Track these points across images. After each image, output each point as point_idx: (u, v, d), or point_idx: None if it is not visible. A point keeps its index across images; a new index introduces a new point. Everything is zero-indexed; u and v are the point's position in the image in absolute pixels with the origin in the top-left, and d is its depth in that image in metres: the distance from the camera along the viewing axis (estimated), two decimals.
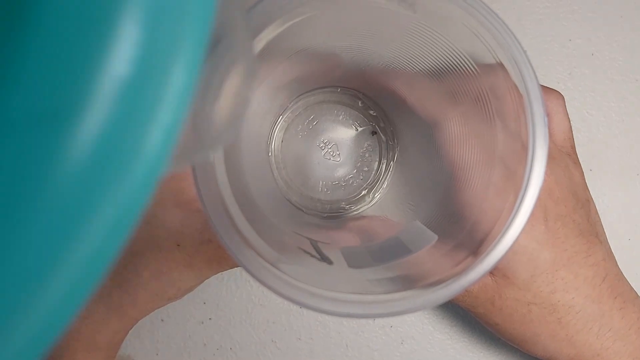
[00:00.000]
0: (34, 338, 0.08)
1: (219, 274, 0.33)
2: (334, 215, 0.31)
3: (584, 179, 0.28)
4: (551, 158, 0.27)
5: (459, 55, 0.22)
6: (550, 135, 0.28)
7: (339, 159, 0.31)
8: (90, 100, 0.07)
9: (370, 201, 0.31)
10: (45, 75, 0.07)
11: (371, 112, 0.31)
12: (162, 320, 0.34)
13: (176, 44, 0.08)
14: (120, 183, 0.08)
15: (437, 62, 0.23)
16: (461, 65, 0.22)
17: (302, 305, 0.18)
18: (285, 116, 0.31)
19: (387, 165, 0.31)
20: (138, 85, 0.08)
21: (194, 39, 0.08)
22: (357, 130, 0.31)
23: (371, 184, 0.31)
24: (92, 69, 0.07)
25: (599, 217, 0.29)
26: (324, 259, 0.21)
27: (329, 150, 0.30)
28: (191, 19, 0.08)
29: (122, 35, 0.07)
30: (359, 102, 0.31)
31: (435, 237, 0.21)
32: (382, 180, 0.31)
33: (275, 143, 0.30)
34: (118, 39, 0.07)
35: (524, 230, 0.18)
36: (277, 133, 0.30)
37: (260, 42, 0.20)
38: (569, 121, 0.28)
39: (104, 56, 0.07)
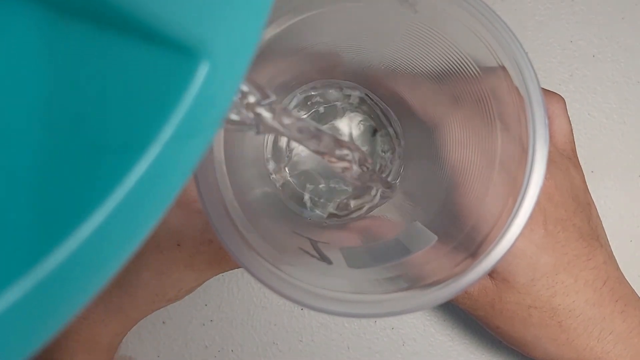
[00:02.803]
0: None
1: (220, 275, 0.33)
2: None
3: (584, 182, 0.28)
4: (552, 161, 0.27)
5: (460, 57, 0.22)
6: (551, 138, 0.28)
7: None
8: None
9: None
10: None
11: (374, 112, 0.31)
12: (163, 322, 0.34)
13: None
14: None
15: (439, 63, 0.23)
16: (462, 67, 0.22)
17: (301, 304, 0.18)
18: None
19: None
20: None
21: None
22: (359, 130, 0.31)
23: None
24: None
25: (600, 220, 0.28)
26: (324, 258, 0.21)
27: None
28: None
29: None
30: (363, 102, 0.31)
31: (435, 238, 0.21)
32: None
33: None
34: None
35: (523, 235, 0.18)
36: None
37: (260, 42, 0.20)
38: (570, 124, 0.28)
39: None
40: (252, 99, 0.16)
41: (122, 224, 0.10)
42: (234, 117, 0.16)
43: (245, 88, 0.16)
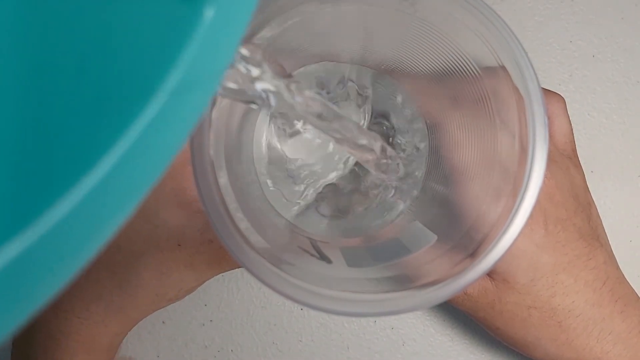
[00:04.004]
0: None
1: (219, 276, 0.33)
2: None
3: (585, 182, 0.28)
4: (552, 161, 0.27)
5: (460, 57, 0.22)
6: (551, 138, 0.28)
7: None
8: None
9: None
10: None
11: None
12: (163, 322, 0.34)
13: None
14: None
15: (439, 63, 0.23)
16: (463, 67, 0.22)
17: (301, 304, 0.18)
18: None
19: None
20: None
21: None
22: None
23: None
24: None
25: (600, 220, 0.28)
26: (323, 257, 0.21)
27: None
28: None
29: None
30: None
31: (435, 237, 0.21)
32: None
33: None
34: None
35: (523, 234, 0.18)
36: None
37: (258, 41, 0.20)
38: (570, 124, 0.28)
39: None
40: (268, 74, 0.16)
41: (123, 178, 0.09)
42: (242, 88, 0.16)
43: (258, 59, 0.16)
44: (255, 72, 0.16)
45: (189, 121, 0.10)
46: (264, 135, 0.28)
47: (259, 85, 0.16)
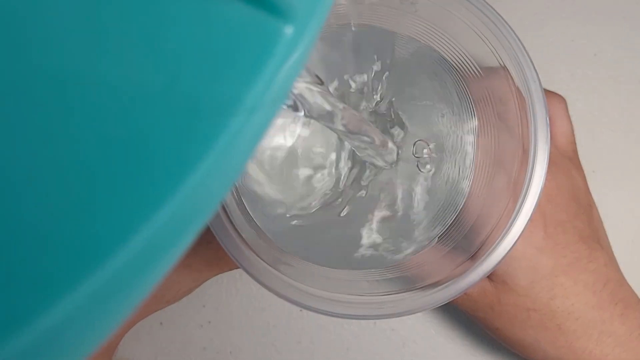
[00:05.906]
0: None
1: (218, 276, 0.33)
2: None
3: (586, 184, 0.28)
4: (553, 163, 0.26)
5: (461, 56, 0.22)
6: (552, 139, 0.28)
7: None
8: None
9: None
10: None
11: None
12: (161, 323, 0.34)
13: None
14: None
15: (440, 63, 0.23)
16: (464, 67, 0.22)
17: (300, 305, 0.18)
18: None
19: None
20: None
21: None
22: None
23: None
24: None
25: (601, 222, 0.28)
26: None
27: None
28: None
29: None
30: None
31: (436, 239, 0.21)
32: None
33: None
34: None
35: (522, 237, 0.18)
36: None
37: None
38: (571, 125, 0.28)
39: None
40: (307, 82, 0.16)
41: (208, 187, 0.09)
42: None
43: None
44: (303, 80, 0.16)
45: (254, 141, 0.10)
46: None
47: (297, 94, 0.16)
